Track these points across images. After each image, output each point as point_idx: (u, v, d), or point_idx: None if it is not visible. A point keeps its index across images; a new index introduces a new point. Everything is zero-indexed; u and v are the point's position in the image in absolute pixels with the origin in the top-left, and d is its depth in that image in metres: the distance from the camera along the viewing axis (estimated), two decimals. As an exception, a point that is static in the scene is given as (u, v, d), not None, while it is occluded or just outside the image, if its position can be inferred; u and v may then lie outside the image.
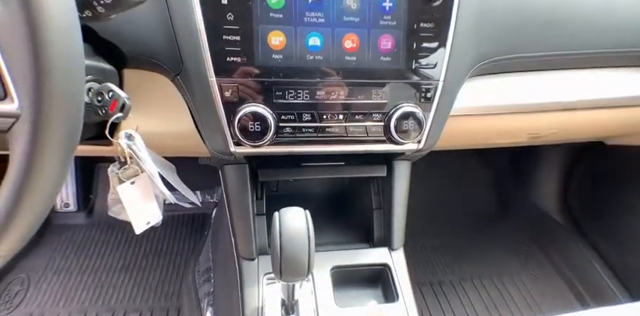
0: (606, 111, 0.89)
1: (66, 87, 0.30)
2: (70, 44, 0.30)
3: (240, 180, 0.72)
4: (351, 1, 0.58)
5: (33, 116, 0.29)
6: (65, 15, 0.30)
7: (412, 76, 0.62)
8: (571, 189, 1.53)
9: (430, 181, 1.54)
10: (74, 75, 0.31)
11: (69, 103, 0.31)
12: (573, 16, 0.70)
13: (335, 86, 0.61)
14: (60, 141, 0.32)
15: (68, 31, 0.30)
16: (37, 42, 0.28)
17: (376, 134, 0.64)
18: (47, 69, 0.29)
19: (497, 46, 0.67)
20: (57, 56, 0.29)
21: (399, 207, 0.78)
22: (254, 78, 0.58)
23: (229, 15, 0.55)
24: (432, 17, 0.60)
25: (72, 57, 0.31)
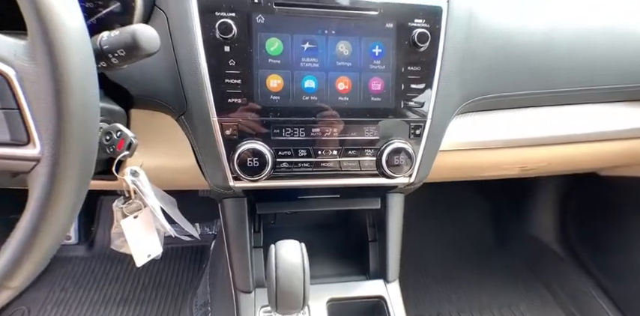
0: (594, 145, 0.92)
1: (82, 134, 0.34)
2: (88, 96, 0.34)
3: (239, 214, 0.75)
4: (343, 48, 0.63)
5: (52, 160, 0.33)
6: (86, 71, 0.34)
7: (402, 115, 0.66)
8: (568, 219, 1.54)
9: (427, 212, 1.55)
10: (90, 123, 0.35)
11: (84, 148, 0.35)
12: (552, 56, 0.75)
13: (329, 124, 0.65)
14: (75, 181, 0.35)
15: (87, 85, 0.34)
16: (59, 95, 0.32)
17: (369, 168, 0.67)
18: (67, 119, 0.32)
19: (481, 86, 0.72)
20: (76, 107, 0.33)
21: (393, 240, 0.80)
22: (253, 117, 0.62)
23: (231, 61, 0.60)
24: (418, 61, 0.65)
25: (89, 107, 0.35)
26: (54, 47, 0.31)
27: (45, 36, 0.31)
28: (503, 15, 0.73)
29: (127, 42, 0.42)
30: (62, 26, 0.32)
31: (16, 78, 0.32)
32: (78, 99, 0.33)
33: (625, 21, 0.83)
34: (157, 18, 0.60)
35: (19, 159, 0.34)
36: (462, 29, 0.67)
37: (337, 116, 0.65)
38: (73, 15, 0.33)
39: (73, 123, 0.33)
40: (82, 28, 0.34)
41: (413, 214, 0.93)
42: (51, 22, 0.31)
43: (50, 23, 0.31)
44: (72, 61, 0.32)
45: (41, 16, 0.31)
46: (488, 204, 1.73)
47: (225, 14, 0.58)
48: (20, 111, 0.33)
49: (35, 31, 0.31)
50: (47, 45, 0.31)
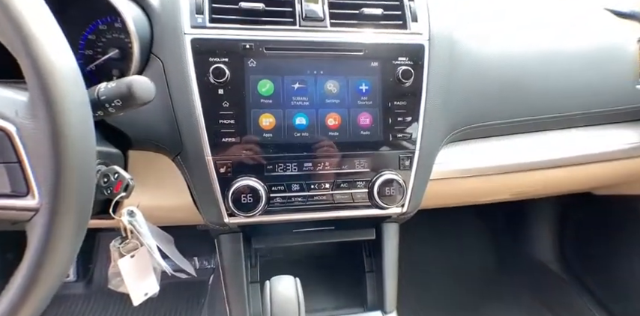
0: (583, 167, 0.94)
1: (79, 184, 0.36)
2: (85, 148, 0.36)
3: (235, 249, 0.75)
4: (331, 86, 0.66)
5: (50, 210, 0.34)
6: (83, 125, 0.36)
7: (391, 147, 0.68)
8: (567, 240, 1.54)
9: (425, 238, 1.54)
10: (87, 174, 0.37)
11: (81, 197, 0.36)
12: (531, 85, 0.79)
13: (321, 158, 0.67)
14: (72, 229, 0.36)
15: (85, 138, 0.36)
16: (57, 149, 0.34)
17: (361, 200, 0.69)
18: (64, 171, 0.34)
19: (465, 116, 0.75)
20: (73, 160, 0.35)
21: (390, 270, 0.80)
22: (246, 154, 0.64)
23: (225, 102, 0.63)
24: (404, 96, 0.68)
25: (86, 159, 0.37)
26: (53, 104, 0.33)
27: (44, 93, 0.33)
28: (482, 49, 0.77)
29: (123, 92, 0.44)
30: (61, 83, 0.34)
31: (17, 134, 0.35)
32: (75, 152, 0.35)
33: (598, 47, 0.88)
34: (153, 64, 0.63)
35: (18, 210, 0.35)
36: (444, 64, 0.70)
37: (328, 150, 0.67)
38: (71, 71, 0.36)
39: (71, 175, 0.35)
40: (81, 84, 0.37)
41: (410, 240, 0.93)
42: (50, 80, 0.33)
43: (49, 81, 0.33)
44: (70, 116, 0.34)
45: (41, 74, 0.33)
46: (487, 227, 1.73)
47: (218, 59, 0.62)
48: (20, 165, 0.35)
49: (35, 89, 0.33)
50: (46, 102, 0.33)
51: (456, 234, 1.68)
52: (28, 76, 0.34)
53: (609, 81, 0.88)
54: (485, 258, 1.67)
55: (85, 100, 0.37)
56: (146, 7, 0.62)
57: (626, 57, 0.87)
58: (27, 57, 0.33)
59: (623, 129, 0.96)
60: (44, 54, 0.33)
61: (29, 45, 0.33)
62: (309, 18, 0.65)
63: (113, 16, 0.68)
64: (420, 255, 1.50)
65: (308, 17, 0.65)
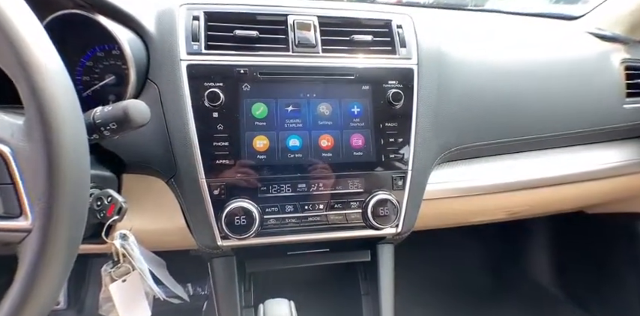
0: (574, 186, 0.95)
1: (72, 206, 0.36)
2: (79, 171, 0.37)
3: (228, 273, 0.74)
4: (324, 109, 0.68)
5: (42, 231, 0.34)
6: (78, 148, 0.37)
7: (383, 167, 0.69)
8: (562, 259, 1.53)
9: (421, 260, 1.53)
10: (80, 196, 0.37)
11: (73, 219, 0.36)
12: (519, 106, 0.81)
13: (314, 179, 0.67)
14: (63, 251, 0.36)
15: (80, 161, 0.37)
16: (52, 171, 0.34)
17: (355, 221, 0.69)
18: (58, 193, 0.35)
19: (455, 137, 0.77)
20: (67, 182, 0.35)
21: (386, 292, 0.79)
22: (240, 176, 0.65)
23: (219, 125, 0.64)
24: (395, 117, 0.70)
25: (80, 181, 0.37)
26: (49, 128, 0.34)
27: (41, 116, 0.34)
28: (470, 71, 0.79)
29: (118, 116, 0.45)
30: (58, 108, 0.35)
31: (11, 155, 0.35)
32: (70, 174, 0.35)
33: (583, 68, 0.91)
34: (149, 89, 0.64)
35: (10, 231, 0.35)
36: (433, 86, 0.73)
37: (322, 171, 0.67)
38: (68, 96, 0.37)
39: (64, 197, 0.35)
40: (77, 108, 0.38)
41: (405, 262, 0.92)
42: (47, 103, 0.34)
43: (46, 105, 0.34)
44: (65, 139, 0.35)
45: (38, 98, 0.34)
46: (483, 248, 1.71)
47: (213, 84, 0.63)
48: (14, 186, 0.36)
49: (32, 112, 0.34)
50: (43, 125, 0.34)
51: (452, 255, 1.67)
52: (25, 99, 0.34)
53: (595, 102, 0.91)
54: (481, 279, 1.65)
55: (80, 124, 0.38)
56: (143, 35, 0.64)
57: (611, 78, 0.91)
58: (25, 81, 0.34)
59: (609, 148, 0.99)
60: (42, 79, 0.34)
61: (27, 70, 0.34)
62: (301, 44, 0.68)
63: (111, 44, 0.70)
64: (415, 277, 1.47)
65: (301, 44, 0.68)
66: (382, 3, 1.04)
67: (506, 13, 1.18)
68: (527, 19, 1.14)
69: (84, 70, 0.74)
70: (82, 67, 0.74)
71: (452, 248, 1.67)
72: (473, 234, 1.70)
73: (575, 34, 1.00)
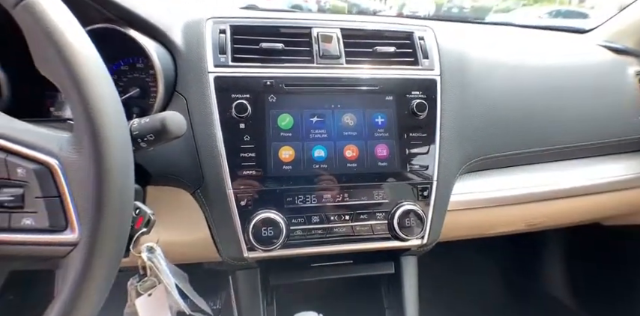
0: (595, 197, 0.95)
1: (119, 218, 0.36)
2: (126, 183, 0.37)
3: (252, 286, 0.73)
4: (348, 119, 0.68)
5: (89, 244, 0.34)
6: (125, 161, 0.37)
7: (408, 178, 0.69)
8: (577, 272, 1.51)
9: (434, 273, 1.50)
10: (126, 208, 0.37)
11: (119, 231, 0.36)
12: (542, 116, 0.82)
13: (340, 190, 0.67)
14: (109, 263, 0.36)
15: (126, 173, 0.37)
16: (101, 184, 0.34)
17: (381, 232, 0.68)
18: (106, 205, 0.34)
19: (479, 147, 0.77)
20: (115, 194, 0.35)
21: (410, 306, 0.77)
22: (267, 187, 0.64)
23: (246, 136, 0.64)
24: (419, 128, 0.70)
25: (126, 193, 0.37)
26: (100, 141, 0.34)
27: (92, 130, 0.34)
28: (491, 81, 0.80)
29: (156, 127, 0.45)
30: (108, 122, 0.35)
31: (60, 168, 0.35)
32: (117, 185, 0.35)
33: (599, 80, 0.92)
34: (176, 101, 0.65)
35: (56, 245, 0.35)
36: (456, 97, 0.73)
37: (347, 182, 0.67)
38: (117, 110, 0.37)
39: (112, 210, 0.35)
40: (124, 121, 0.38)
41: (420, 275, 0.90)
42: (98, 118, 0.35)
43: (98, 119, 0.35)
44: (114, 152, 0.35)
45: (90, 112, 0.34)
46: (496, 261, 1.69)
47: (240, 96, 0.64)
48: (61, 199, 0.35)
49: (83, 126, 0.34)
50: (94, 138, 0.34)
51: (465, 269, 1.65)
52: (75, 112, 0.35)
53: (613, 114, 0.91)
54: (495, 291, 1.62)
55: (127, 136, 0.38)
56: (171, 48, 0.65)
57: (626, 90, 0.91)
58: (76, 95, 0.34)
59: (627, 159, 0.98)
60: (93, 93, 0.35)
61: (79, 84, 0.34)
62: (325, 56, 0.69)
63: (135, 57, 0.71)
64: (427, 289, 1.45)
65: (325, 55, 0.69)
66: (383, 16, 1.06)
67: (516, 25, 1.19)
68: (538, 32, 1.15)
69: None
70: (107, 80, 0.75)
71: (463, 262, 1.65)
72: (486, 246, 1.68)
73: (589, 46, 1.01)
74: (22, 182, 0.35)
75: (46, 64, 0.36)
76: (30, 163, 0.35)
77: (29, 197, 0.35)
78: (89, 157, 0.34)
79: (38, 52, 0.35)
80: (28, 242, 0.35)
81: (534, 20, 1.44)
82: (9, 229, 0.36)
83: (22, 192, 0.35)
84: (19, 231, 0.35)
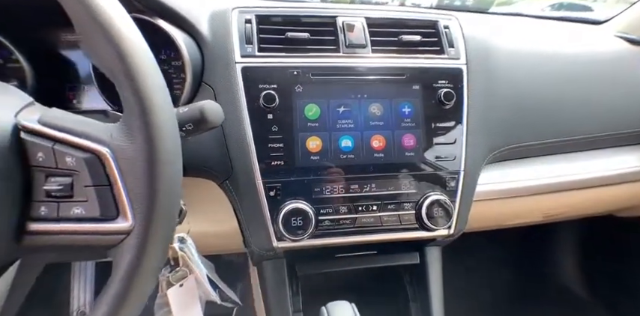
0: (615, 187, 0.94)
1: (170, 206, 0.36)
2: (176, 170, 0.37)
3: (279, 276, 0.73)
4: (375, 109, 0.67)
5: (143, 232, 0.34)
6: (175, 149, 0.37)
7: (436, 168, 0.69)
8: (591, 264, 1.51)
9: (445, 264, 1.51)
10: (176, 195, 0.37)
11: (170, 218, 0.36)
12: (566, 106, 0.81)
13: (367, 180, 0.67)
14: (161, 251, 0.36)
15: (176, 161, 0.37)
16: (154, 171, 0.34)
17: (408, 222, 0.68)
18: (158, 192, 0.34)
19: (504, 137, 0.76)
20: (167, 181, 0.35)
21: (436, 297, 0.77)
22: (295, 177, 0.64)
23: (274, 127, 0.64)
24: (446, 117, 0.69)
25: (176, 180, 0.37)
26: (151, 127, 0.34)
27: (144, 118, 0.34)
28: (514, 71, 0.79)
29: (195, 117, 0.45)
30: (159, 110, 0.35)
31: (111, 156, 0.35)
32: (169, 173, 0.35)
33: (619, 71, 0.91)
34: (203, 92, 0.64)
35: (108, 234, 0.35)
36: (482, 86, 0.72)
37: (374, 172, 0.67)
38: (166, 98, 0.37)
39: (163, 196, 0.35)
40: (172, 109, 0.38)
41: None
42: (150, 106, 0.34)
43: (149, 107, 0.34)
44: (166, 139, 0.35)
45: (141, 100, 0.34)
46: (507, 252, 1.69)
47: (267, 86, 0.63)
48: (111, 187, 0.35)
49: (135, 114, 0.34)
50: (145, 125, 0.34)
51: (477, 259, 1.65)
52: (127, 100, 0.35)
53: (631, 104, 0.90)
54: (509, 284, 1.62)
55: (176, 126, 0.38)
56: (198, 39, 0.65)
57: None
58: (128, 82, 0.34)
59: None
60: (144, 81, 0.34)
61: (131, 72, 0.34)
62: (351, 45, 0.68)
63: (159, 48, 0.70)
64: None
65: (351, 44, 0.68)
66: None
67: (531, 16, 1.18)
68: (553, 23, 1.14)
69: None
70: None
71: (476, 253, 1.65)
72: (498, 237, 1.68)
73: (606, 37, 1.00)
74: (70, 171, 0.35)
75: (94, 52, 0.35)
76: (79, 152, 0.35)
77: (78, 186, 0.35)
78: (142, 145, 0.34)
79: (87, 39, 0.35)
80: (79, 232, 0.35)
81: (539, 12, 1.42)
82: (58, 219, 0.36)
83: (70, 181, 0.35)
84: (69, 221, 0.35)
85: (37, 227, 0.36)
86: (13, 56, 0.71)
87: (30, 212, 0.36)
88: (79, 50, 0.73)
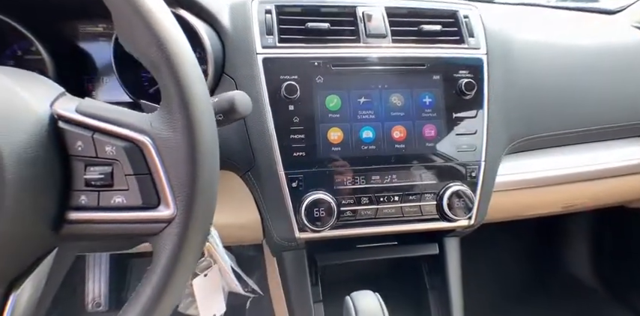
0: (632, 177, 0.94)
1: (210, 193, 0.36)
2: (215, 158, 0.37)
3: (299, 266, 0.74)
4: (396, 100, 0.67)
5: (185, 220, 0.34)
6: (213, 137, 0.37)
7: (456, 158, 0.69)
8: (603, 255, 1.51)
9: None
10: (215, 183, 0.37)
11: (210, 206, 0.36)
12: (587, 96, 0.81)
13: (388, 171, 0.67)
14: (201, 239, 0.36)
15: (215, 148, 0.37)
16: (195, 159, 0.34)
17: (429, 213, 0.68)
18: (200, 180, 0.35)
19: (524, 127, 0.76)
20: (207, 169, 0.35)
21: (455, 286, 0.78)
22: (316, 169, 0.64)
23: (295, 118, 0.64)
24: (466, 107, 0.69)
25: (215, 168, 0.37)
26: (192, 116, 0.34)
27: (185, 107, 0.34)
28: (534, 61, 0.79)
29: (225, 107, 0.45)
30: (198, 97, 0.35)
31: (152, 145, 0.35)
32: (209, 161, 0.36)
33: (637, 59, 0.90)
34: (224, 83, 0.64)
35: (150, 222, 0.35)
36: (502, 76, 0.72)
37: (395, 163, 0.67)
38: (204, 87, 0.37)
39: (204, 184, 0.35)
40: (209, 97, 0.38)
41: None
42: (190, 93, 0.35)
43: (189, 95, 0.35)
44: (205, 128, 0.35)
45: (182, 88, 0.34)
46: (519, 242, 1.69)
47: (288, 77, 0.63)
48: (151, 176, 0.35)
49: (175, 102, 0.34)
50: (186, 114, 0.34)
51: (490, 251, 1.65)
52: (166, 88, 0.35)
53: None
54: (520, 275, 1.63)
55: (212, 115, 0.38)
56: (219, 29, 0.64)
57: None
58: (168, 70, 0.34)
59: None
60: (184, 69, 0.35)
61: (171, 60, 0.34)
62: (372, 35, 0.67)
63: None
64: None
65: (371, 34, 0.67)
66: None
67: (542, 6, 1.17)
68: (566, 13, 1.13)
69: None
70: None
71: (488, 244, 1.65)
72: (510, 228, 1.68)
73: (621, 27, 0.99)
74: (110, 160, 0.36)
75: (133, 41, 0.35)
76: (119, 141, 0.35)
77: (118, 175, 0.36)
78: (183, 134, 0.34)
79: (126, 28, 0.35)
80: (120, 220, 0.36)
81: (549, 2, 1.40)
82: (98, 207, 0.36)
83: (110, 170, 0.36)
84: (110, 209, 0.36)
85: (77, 216, 0.36)
86: (32, 48, 0.71)
87: (70, 201, 0.36)
88: (98, 42, 0.73)
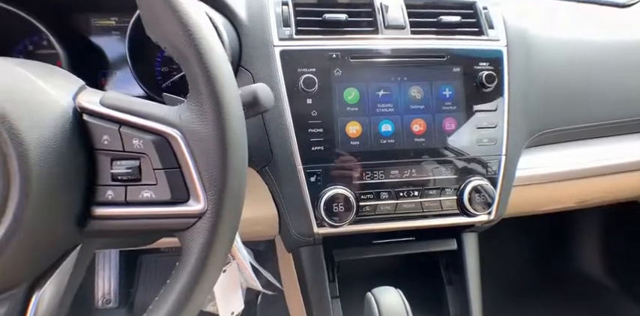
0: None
1: (240, 187, 0.35)
2: (244, 151, 0.36)
3: (317, 262, 0.73)
4: (415, 92, 0.66)
5: (216, 214, 0.33)
6: (242, 131, 0.36)
7: (477, 152, 0.67)
8: (614, 251, 1.50)
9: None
10: (245, 177, 0.36)
11: (240, 200, 0.36)
12: (606, 89, 0.79)
13: (408, 165, 0.66)
14: (232, 233, 0.35)
15: (244, 142, 0.36)
16: (227, 152, 0.33)
17: (450, 208, 0.67)
18: (231, 174, 0.34)
19: (543, 120, 0.75)
20: (238, 163, 0.34)
21: (473, 282, 0.77)
22: (335, 163, 0.63)
23: (313, 111, 0.62)
24: (487, 100, 0.68)
25: (244, 163, 0.36)
26: (222, 109, 0.33)
27: (215, 100, 0.33)
28: (553, 53, 0.77)
29: (248, 100, 0.44)
30: (227, 89, 0.34)
31: (181, 138, 0.34)
32: (239, 154, 0.35)
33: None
34: (241, 76, 0.63)
35: (179, 217, 0.34)
36: (521, 68, 0.71)
37: (415, 157, 0.66)
38: (232, 78, 0.36)
39: (235, 178, 0.34)
40: (237, 89, 0.37)
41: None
42: (220, 87, 0.34)
43: (219, 88, 0.34)
44: (235, 120, 0.34)
45: (213, 81, 0.33)
46: (529, 239, 1.68)
47: (306, 70, 0.62)
48: (181, 170, 0.34)
49: (206, 95, 0.33)
50: (217, 107, 0.33)
51: (500, 246, 1.64)
52: (196, 82, 0.34)
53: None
54: (531, 272, 1.62)
55: (241, 107, 0.37)
56: (235, 22, 0.63)
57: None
58: (198, 63, 0.33)
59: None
60: (214, 62, 0.34)
61: (201, 53, 0.33)
62: (390, 26, 0.66)
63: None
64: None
65: (390, 25, 0.66)
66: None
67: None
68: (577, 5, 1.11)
69: (162, 60, 0.73)
70: (161, 57, 0.74)
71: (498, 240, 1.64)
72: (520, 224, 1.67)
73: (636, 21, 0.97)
74: (138, 154, 0.35)
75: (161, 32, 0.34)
76: (147, 134, 0.34)
77: (146, 169, 0.35)
78: (213, 127, 0.33)
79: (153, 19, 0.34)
80: (149, 216, 0.35)
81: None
82: (126, 203, 0.35)
83: (138, 164, 0.35)
84: (138, 205, 0.35)
85: (104, 211, 0.35)
86: (44, 42, 0.70)
87: (95, 196, 0.35)
88: (110, 36, 0.72)
